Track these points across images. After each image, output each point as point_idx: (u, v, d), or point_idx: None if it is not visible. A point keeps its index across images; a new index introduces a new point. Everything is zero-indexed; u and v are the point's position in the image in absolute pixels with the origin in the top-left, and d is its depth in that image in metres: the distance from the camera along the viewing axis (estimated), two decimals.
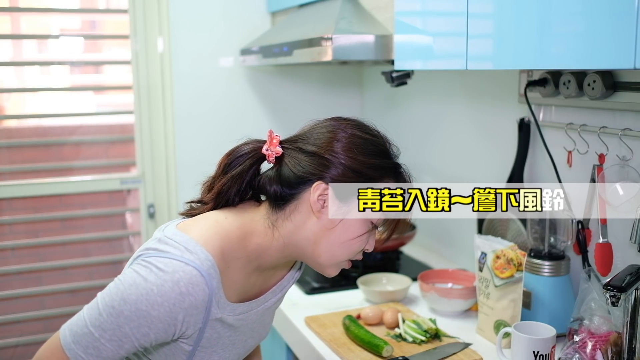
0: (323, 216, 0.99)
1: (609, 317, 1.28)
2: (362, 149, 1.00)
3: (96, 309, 0.94)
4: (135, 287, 0.92)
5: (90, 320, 0.94)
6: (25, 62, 2.67)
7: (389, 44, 1.60)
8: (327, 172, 0.99)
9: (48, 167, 2.48)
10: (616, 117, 1.37)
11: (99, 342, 0.93)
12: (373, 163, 1.01)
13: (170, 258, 0.94)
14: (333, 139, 1.01)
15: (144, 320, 0.92)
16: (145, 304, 0.91)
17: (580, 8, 1.00)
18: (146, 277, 0.92)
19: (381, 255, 2.02)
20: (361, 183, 0.99)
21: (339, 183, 0.99)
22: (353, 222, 1.00)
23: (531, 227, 1.50)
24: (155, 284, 0.92)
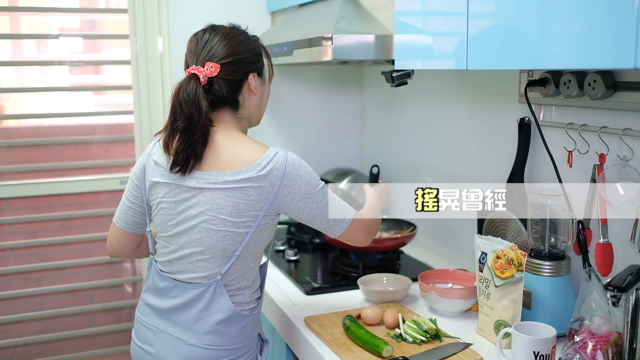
0: (258, 92, 1.42)
1: (609, 318, 1.28)
2: (255, 42, 1.42)
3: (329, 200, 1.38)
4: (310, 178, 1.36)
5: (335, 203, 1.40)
6: (25, 62, 2.67)
7: (389, 44, 1.60)
8: (250, 66, 1.38)
9: (48, 167, 2.48)
10: (617, 117, 1.37)
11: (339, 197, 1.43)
12: (256, 44, 1.42)
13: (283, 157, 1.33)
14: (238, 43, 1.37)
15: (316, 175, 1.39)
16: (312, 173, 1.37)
17: (580, 8, 1.00)
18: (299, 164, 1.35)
19: (381, 255, 2.02)
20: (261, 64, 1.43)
21: (256, 68, 1.40)
22: (267, 85, 1.47)
23: (531, 227, 1.50)
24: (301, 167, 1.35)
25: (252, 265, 1.38)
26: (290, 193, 1.32)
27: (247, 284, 1.38)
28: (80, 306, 2.58)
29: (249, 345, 1.41)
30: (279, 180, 1.30)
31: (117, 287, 2.75)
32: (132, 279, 2.78)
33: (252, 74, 1.39)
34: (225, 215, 1.31)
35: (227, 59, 1.35)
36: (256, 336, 1.45)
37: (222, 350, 1.35)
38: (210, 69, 1.33)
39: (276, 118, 2.55)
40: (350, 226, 1.40)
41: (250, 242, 1.34)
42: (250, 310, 1.39)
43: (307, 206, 1.34)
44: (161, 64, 2.40)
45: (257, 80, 1.41)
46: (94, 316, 2.66)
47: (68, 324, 2.61)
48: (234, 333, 1.36)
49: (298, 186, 1.32)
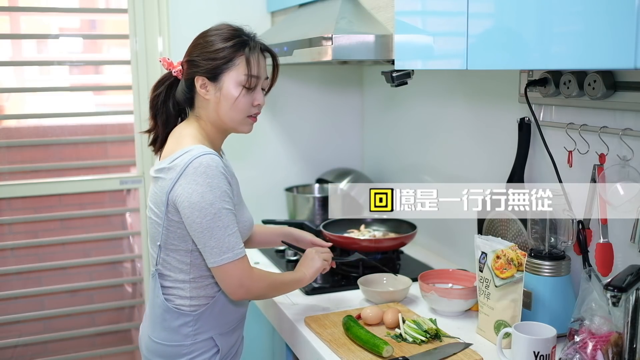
0: (210, 97, 1.40)
1: (609, 318, 1.28)
2: (214, 41, 1.39)
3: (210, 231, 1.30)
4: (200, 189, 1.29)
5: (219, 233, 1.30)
6: (25, 62, 2.67)
7: (389, 44, 1.60)
8: (199, 68, 1.39)
9: (48, 167, 2.48)
10: (617, 117, 1.37)
11: (233, 232, 1.33)
12: (222, 47, 1.38)
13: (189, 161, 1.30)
14: (198, 44, 1.41)
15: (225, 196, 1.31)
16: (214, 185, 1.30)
17: (580, 8, 1.00)
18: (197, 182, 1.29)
19: (381, 255, 2.01)
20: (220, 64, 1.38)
21: (208, 70, 1.38)
22: (228, 91, 1.39)
23: (531, 227, 1.50)
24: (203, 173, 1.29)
25: (184, 259, 1.39)
26: (182, 195, 1.30)
27: (184, 277, 1.40)
28: (80, 306, 2.58)
29: (189, 346, 1.41)
30: (177, 176, 1.30)
31: (117, 287, 2.75)
32: (132, 279, 2.78)
33: (197, 77, 1.39)
34: (151, 203, 1.41)
35: (184, 58, 1.44)
36: (204, 340, 1.42)
37: (161, 344, 1.42)
38: (178, 67, 1.45)
39: (276, 118, 2.55)
40: (224, 267, 1.33)
41: (168, 234, 1.37)
42: (191, 309, 1.40)
43: (192, 216, 1.30)
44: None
45: (209, 85, 1.39)
46: (94, 316, 2.65)
47: (68, 324, 2.61)
48: (171, 328, 1.40)
49: (190, 192, 1.29)
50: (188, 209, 1.29)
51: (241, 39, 1.40)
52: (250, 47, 1.41)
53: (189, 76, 1.41)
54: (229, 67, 1.38)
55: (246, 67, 1.39)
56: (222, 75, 1.38)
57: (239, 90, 1.39)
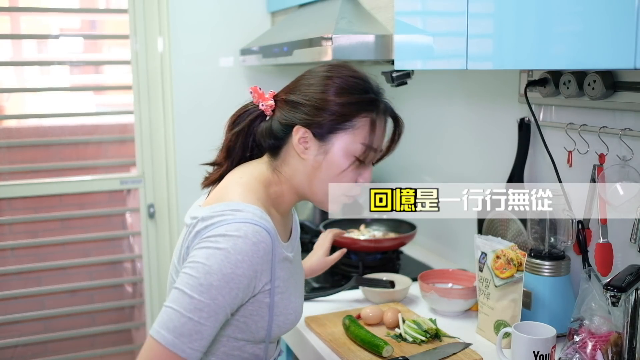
0: (308, 157, 1.09)
1: (609, 317, 1.28)
2: (329, 88, 1.07)
3: (184, 296, 0.96)
4: (214, 257, 0.97)
5: (184, 309, 0.95)
6: (25, 62, 2.67)
7: (389, 44, 1.60)
8: (305, 116, 1.08)
9: (48, 167, 2.48)
10: (616, 117, 1.37)
11: (199, 324, 0.96)
12: (342, 101, 1.07)
13: (228, 223, 1.00)
14: (307, 84, 1.10)
15: (233, 283, 0.97)
16: (228, 267, 0.97)
17: (580, 8, 1.00)
18: (218, 247, 0.98)
19: (381, 255, 2.02)
20: (335, 121, 1.07)
21: (315, 124, 1.07)
22: (336, 158, 1.08)
23: (531, 227, 1.50)
24: (229, 246, 0.97)
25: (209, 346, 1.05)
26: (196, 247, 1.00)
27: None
28: (80, 306, 2.58)
29: None
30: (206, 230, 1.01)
31: (117, 287, 2.75)
32: (132, 279, 2.78)
33: (298, 127, 1.08)
34: (175, 257, 1.14)
35: (282, 94, 1.13)
36: None
37: None
38: (270, 101, 1.14)
39: None
40: (149, 339, 0.96)
41: None
42: None
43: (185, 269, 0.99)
44: (161, 64, 2.40)
45: (311, 142, 1.07)
46: (94, 316, 2.66)
47: (68, 324, 2.61)
48: None
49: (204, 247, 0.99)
50: (188, 259, 1.00)
51: (369, 96, 1.09)
52: (379, 109, 1.11)
53: (286, 120, 1.10)
54: (345, 128, 1.07)
55: (368, 134, 1.08)
56: (333, 136, 1.07)
57: (349, 162, 1.08)
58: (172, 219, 2.48)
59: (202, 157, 1.93)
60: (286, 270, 1.11)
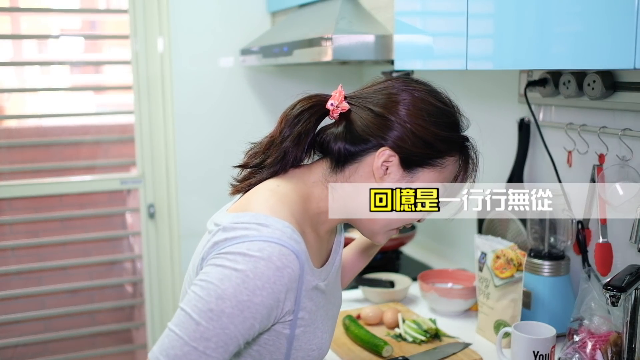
0: (384, 183, 0.96)
1: (608, 317, 1.28)
2: (432, 118, 0.96)
3: (190, 320, 0.83)
4: (228, 280, 0.83)
5: (189, 336, 0.83)
6: (26, 62, 2.67)
7: (389, 44, 1.60)
8: (396, 139, 0.94)
9: (48, 167, 2.48)
10: (616, 117, 1.37)
11: (204, 355, 0.83)
12: (442, 135, 0.96)
13: (250, 240, 0.86)
14: (400, 101, 0.96)
15: (248, 312, 0.84)
16: (245, 293, 0.83)
17: (580, 8, 1.00)
18: (235, 267, 0.84)
19: (381, 255, 2.02)
20: (428, 154, 0.95)
21: (406, 152, 0.94)
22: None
23: (531, 227, 1.50)
24: (248, 269, 0.84)
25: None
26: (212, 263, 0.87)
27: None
28: (80, 306, 2.58)
29: None
30: (226, 243, 0.88)
31: (117, 287, 2.75)
32: (132, 279, 2.78)
33: (384, 149, 0.94)
34: (191, 264, 1.01)
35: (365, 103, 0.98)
36: None
37: None
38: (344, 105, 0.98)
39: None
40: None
41: None
42: None
43: (194, 287, 0.86)
44: (161, 64, 2.40)
45: (395, 168, 0.95)
46: (94, 316, 2.66)
47: (68, 323, 2.61)
48: None
49: (220, 264, 0.86)
50: (200, 275, 0.88)
51: (463, 136, 1.01)
52: (469, 151, 1.01)
53: (371, 135, 0.95)
54: (435, 165, 0.96)
55: (451, 176, 0.99)
56: (420, 169, 0.96)
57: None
58: (172, 219, 2.48)
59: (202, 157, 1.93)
60: (315, 300, 0.96)
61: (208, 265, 0.87)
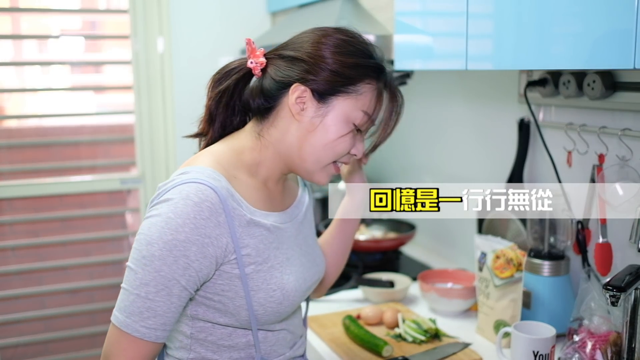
0: (303, 119, 0.99)
1: (608, 317, 1.28)
2: (337, 48, 0.99)
3: (130, 272, 0.91)
4: (154, 226, 0.90)
5: (131, 285, 0.91)
6: (26, 62, 2.68)
7: (389, 44, 1.61)
8: (304, 74, 0.98)
9: (48, 167, 2.49)
10: (616, 117, 1.38)
11: (147, 300, 0.90)
12: (350, 62, 0.98)
13: (171, 187, 0.93)
14: (311, 41, 1.00)
15: (177, 251, 0.89)
16: (169, 233, 0.89)
17: (580, 8, 1.01)
18: (159, 213, 0.91)
19: (381, 255, 2.02)
20: (338, 82, 0.98)
21: (316, 83, 0.98)
22: (334, 122, 0.99)
23: (531, 227, 1.50)
24: (169, 211, 0.90)
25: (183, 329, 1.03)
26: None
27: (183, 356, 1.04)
28: (80, 306, 2.58)
29: None
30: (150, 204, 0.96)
31: (117, 287, 2.74)
32: None
33: (296, 85, 0.98)
34: None
35: (279, 51, 1.03)
36: None
37: None
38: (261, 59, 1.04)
39: None
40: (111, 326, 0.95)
41: None
42: None
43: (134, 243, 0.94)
44: (161, 64, 2.40)
45: (309, 103, 0.98)
46: (94, 316, 2.66)
47: (69, 323, 2.62)
48: None
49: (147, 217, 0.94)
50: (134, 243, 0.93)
51: (375, 62, 1.01)
52: (385, 80, 1.03)
53: (282, 78, 1.00)
54: (349, 92, 0.98)
55: (370, 103, 1.01)
56: (334, 98, 0.99)
57: (348, 129, 1.00)
58: None
59: None
60: (259, 238, 0.99)
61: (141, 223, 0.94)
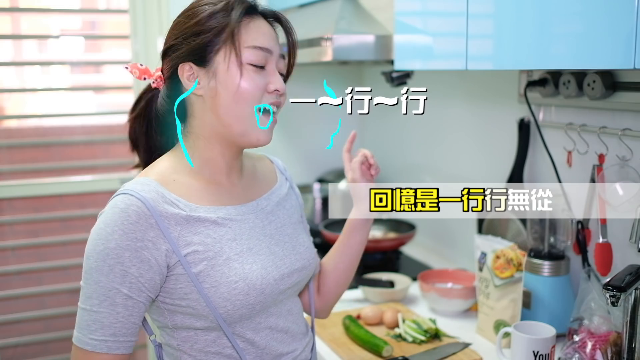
0: (204, 90, 0.99)
1: (608, 317, 1.28)
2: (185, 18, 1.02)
3: (81, 288, 0.97)
4: (90, 239, 0.94)
5: (80, 301, 0.95)
6: (26, 62, 2.67)
7: (389, 44, 1.61)
8: (178, 54, 1.00)
9: (48, 167, 2.48)
10: (616, 117, 1.38)
11: (92, 312, 0.93)
12: (205, 16, 0.99)
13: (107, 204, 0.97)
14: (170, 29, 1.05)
15: (110, 259, 0.91)
16: (100, 243, 0.92)
17: (580, 8, 1.01)
18: (94, 227, 0.95)
19: (381, 255, 2.02)
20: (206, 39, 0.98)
21: (187, 53, 0.99)
22: (227, 74, 0.97)
23: (531, 227, 1.50)
24: (100, 222, 0.94)
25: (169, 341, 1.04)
26: None
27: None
28: None
29: None
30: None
31: None
32: None
33: (181, 66, 1.00)
34: None
35: (162, 54, 1.06)
36: None
37: None
38: (157, 73, 1.09)
39: None
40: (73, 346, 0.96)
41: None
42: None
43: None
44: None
45: (198, 73, 0.99)
46: None
47: (69, 323, 2.61)
48: None
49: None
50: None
51: (221, 5, 1.00)
52: (241, 10, 1.00)
53: (170, 71, 1.02)
54: (219, 42, 0.98)
55: (245, 38, 0.99)
56: (213, 56, 0.98)
57: (242, 70, 0.98)
58: None
59: None
60: (208, 232, 0.98)
61: None
